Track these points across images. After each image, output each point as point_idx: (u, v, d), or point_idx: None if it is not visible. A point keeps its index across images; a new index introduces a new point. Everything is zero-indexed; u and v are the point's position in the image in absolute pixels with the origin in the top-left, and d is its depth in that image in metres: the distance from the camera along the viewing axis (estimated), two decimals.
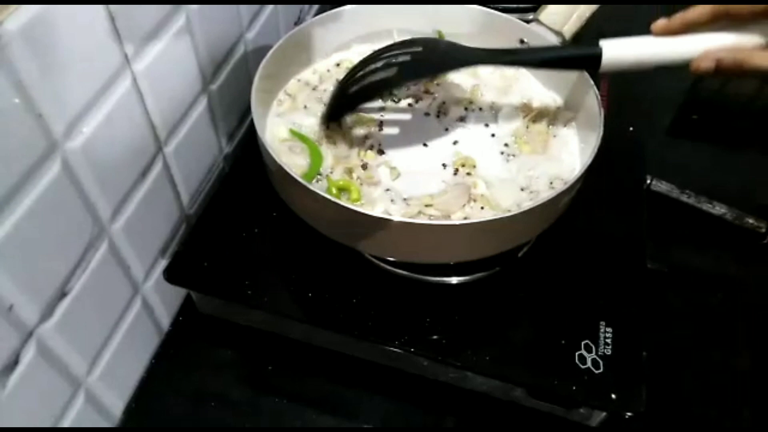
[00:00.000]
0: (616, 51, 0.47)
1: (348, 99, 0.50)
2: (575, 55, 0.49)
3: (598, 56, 0.46)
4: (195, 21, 0.47)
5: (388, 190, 0.48)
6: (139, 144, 0.45)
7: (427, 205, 0.47)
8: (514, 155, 0.52)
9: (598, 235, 0.54)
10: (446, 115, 0.54)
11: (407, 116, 0.54)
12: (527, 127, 0.54)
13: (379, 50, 0.50)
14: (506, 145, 0.52)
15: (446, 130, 0.53)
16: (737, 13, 0.42)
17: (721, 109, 0.79)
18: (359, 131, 0.52)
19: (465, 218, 0.46)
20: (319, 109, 0.54)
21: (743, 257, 0.62)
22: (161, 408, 0.50)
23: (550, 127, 0.54)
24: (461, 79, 0.58)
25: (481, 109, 0.55)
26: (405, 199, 0.47)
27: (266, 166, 0.48)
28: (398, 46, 0.50)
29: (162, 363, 0.53)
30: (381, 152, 0.51)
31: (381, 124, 0.53)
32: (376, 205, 0.47)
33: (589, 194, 0.49)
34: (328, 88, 0.56)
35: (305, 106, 0.54)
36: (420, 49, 0.49)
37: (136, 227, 0.46)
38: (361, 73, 0.49)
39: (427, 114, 0.54)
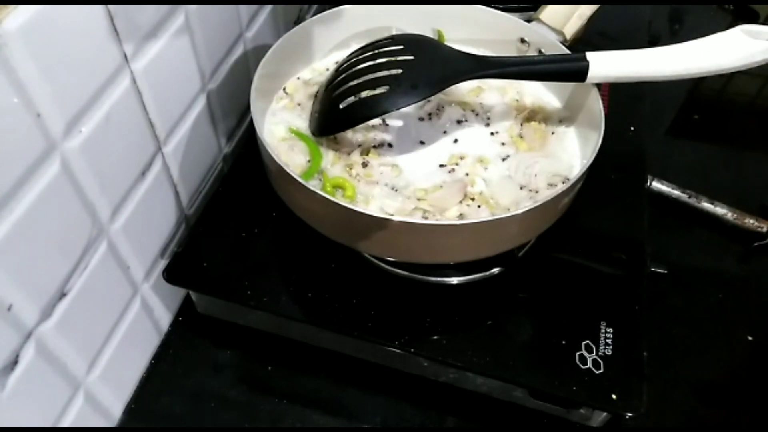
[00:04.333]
0: (603, 65, 0.47)
1: (340, 116, 0.48)
2: (560, 70, 0.49)
3: (585, 71, 0.46)
4: (194, 20, 0.47)
5: (386, 187, 0.48)
6: (138, 143, 0.45)
7: (420, 199, 0.47)
8: (511, 153, 0.52)
9: (598, 235, 0.54)
10: (446, 114, 0.54)
11: (408, 116, 0.54)
12: (522, 125, 0.53)
13: (367, 49, 0.50)
14: (504, 144, 0.52)
15: (446, 128, 0.53)
16: None
17: (722, 109, 0.79)
18: (361, 131, 0.52)
19: (461, 215, 0.46)
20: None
21: (743, 257, 0.62)
22: (161, 408, 0.50)
23: (546, 125, 0.54)
24: None
25: (481, 107, 0.55)
26: (399, 193, 0.47)
27: (265, 165, 0.48)
28: (385, 47, 0.49)
29: (161, 363, 0.52)
30: (383, 151, 0.51)
31: (385, 123, 0.53)
32: (371, 202, 0.47)
33: (589, 194, 0.49)
34: None
35: (303, 105, 0.54)
36: (411, 58, 0.48)
37: (135, 227, 0.46)
38: (352, 83, 0.48)
39: (428, 113, 0.54)
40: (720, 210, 0.63)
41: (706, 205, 0.63)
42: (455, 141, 0.52)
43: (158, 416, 0.50)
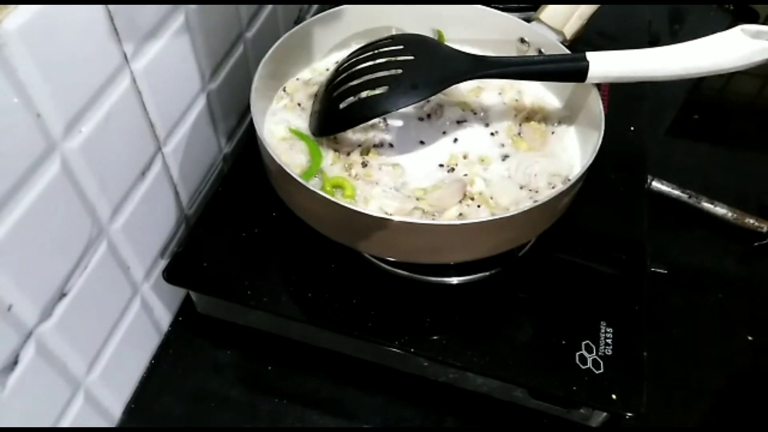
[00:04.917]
0: (603, 65, 0.47)
1: (340, 116, 0.48)
2: (560, 70, 0.49)
3: (585, 71, 0.47)
4: (194, 20, 0.47)
5: (385, 187, 0.48)
6: (138, 144, 0.45)
7: (419, 199, 0.47)
8: (511, 153, 0.52)
9: (599, 235, 0.54)
10: (446, 114, 0.54)
11: (408, 116, 0.54)
12: (520, 125, 0.53)
13: (367, 49, 0.50)
14: (503, 144, 0.52)
15: (446, 128, 0.53)
16: None
17: (722, 109, 0.79)
18: (361, 131, 0.52)
19: (461, 215, 0.46)
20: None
21: (743, 257, 0.62)
22: (160, 408, 0.50)
23: (545, 124, 0.54)
24: None
25: (480, 107, 0.55)
26: (399, 192, 0.47)
27: (265, 165, 0.48)
28: (385, 47, 0.49)
29: (161, 363, 0.52)
30: (383, 151, 0.51)
31: (385, 123, 0.53)
32: (371, 202, 0.47)
33: (589, 194, 0.49)
34: None
35: (303, 105, 0.54)
36: (411, 58, 0.48)
37: (135, 227, 0.46)
38: (352, 83, 0.48)
39: (428, 113, 0.54)
40: (720, 210, 0.63)
41: (706, 205, 0.63)
42: (455, 141, 0.52)
43: (158, 416, 0.50)
